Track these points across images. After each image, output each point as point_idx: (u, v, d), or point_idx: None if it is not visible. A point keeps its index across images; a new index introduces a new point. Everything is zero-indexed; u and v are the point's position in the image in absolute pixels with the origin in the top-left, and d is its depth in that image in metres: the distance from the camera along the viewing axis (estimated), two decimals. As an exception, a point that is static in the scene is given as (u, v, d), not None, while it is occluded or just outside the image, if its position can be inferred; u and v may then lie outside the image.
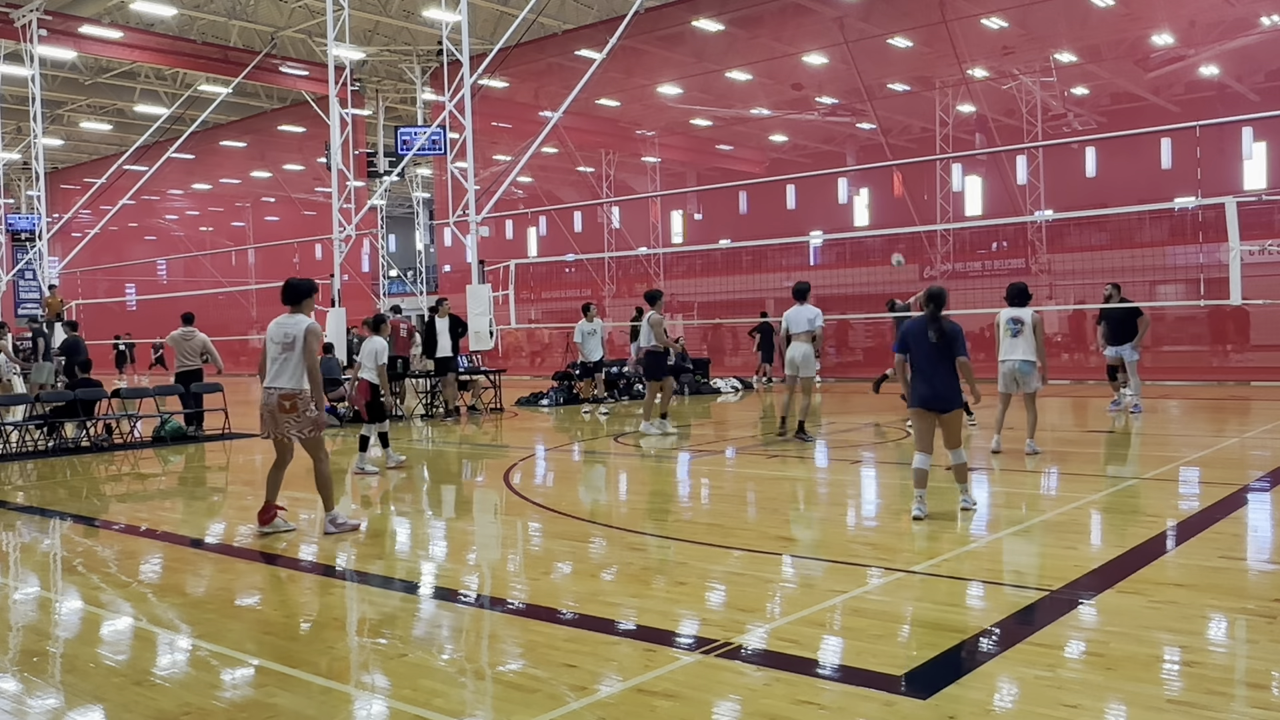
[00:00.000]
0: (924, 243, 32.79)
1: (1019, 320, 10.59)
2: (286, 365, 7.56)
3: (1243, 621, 5.07)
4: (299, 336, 7.53)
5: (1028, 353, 10.54)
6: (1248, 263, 15.07)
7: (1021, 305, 10.70)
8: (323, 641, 5.25)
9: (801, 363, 12.49)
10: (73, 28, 26.13)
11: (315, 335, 7.58)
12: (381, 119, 32.70)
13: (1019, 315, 10.62)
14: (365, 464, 11.12)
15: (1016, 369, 10.58)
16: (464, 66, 19.05)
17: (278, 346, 7.59)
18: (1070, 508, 8.09)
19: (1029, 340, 10.53)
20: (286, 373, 7.56)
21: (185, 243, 50.99)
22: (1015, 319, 10.61)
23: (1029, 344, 10.53)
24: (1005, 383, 10.77)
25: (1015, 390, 10.72)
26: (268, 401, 7.62)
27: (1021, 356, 10.53)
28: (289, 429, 7.64)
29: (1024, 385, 10.63)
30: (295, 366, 7.54)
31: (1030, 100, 32.79)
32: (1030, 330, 10.53)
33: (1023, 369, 10.56)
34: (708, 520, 8.28)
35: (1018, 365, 10.56)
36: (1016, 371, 10.59)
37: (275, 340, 7.61)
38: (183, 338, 15.15)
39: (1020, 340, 10.53)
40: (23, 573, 7.02)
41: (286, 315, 7.72)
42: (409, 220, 44.50)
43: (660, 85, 32.98)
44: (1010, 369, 10.63)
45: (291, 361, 7.54)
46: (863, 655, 4.69)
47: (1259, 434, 13.11)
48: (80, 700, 4.42)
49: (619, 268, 42.13)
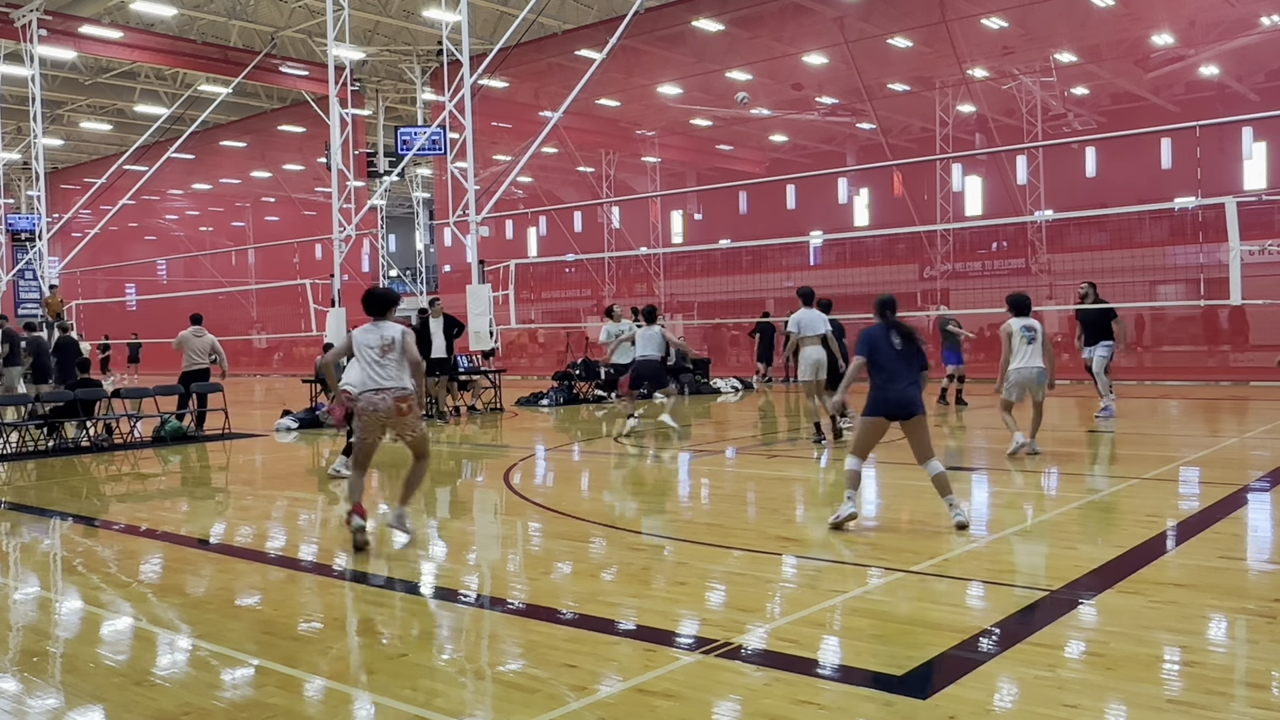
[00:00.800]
0: (924, 243, 32.81)
1: (1033, 328, 10.85)
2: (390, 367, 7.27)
3: (1243, 621, 5.07)
4: (397, 338, 7.30)
5: (1043, 360, 10.82)
6: (1248, 263, 15.09)
7: (1028, 315, 11.01)
8: (323, 641, 5.25)
9: (825, 364, 12.52)
10: (73, 28, 26.14)
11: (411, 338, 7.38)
12: (381, 119, 32.70)
13: (1032, 324, 10.90)
14: (344, 467, 10.94)
15: (1036, 377, 10.80)
16: (464, 66, 19.05)
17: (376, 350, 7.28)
18: (1070, 508, 8.09)
19: (1041, 347, 10.81)
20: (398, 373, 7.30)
21: (185, 243, 51.02)
22: (1029, 327, 10.85)
23: (1042, 351, 10.83)
24: (1018, 391, 10.89)
25: (1021, 398, 10.97)
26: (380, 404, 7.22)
27: (1041, 364, 10.78)
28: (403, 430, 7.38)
29: (1037, 392, 10.92)
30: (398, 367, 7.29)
31: (1030, 100, 32.79)
32: (1042, 337, 10.84)
33: (1041, 377, 10.82)
34: (708, 520, 8.28)
35: (1036, 373, 10.77)
36: (1035, 380, 10.80)
37: (372, 346, 7.29)
38: (193, 335, 15.18)
39: (1035, 347, 10.77)
40: (23, 573, 7.02)
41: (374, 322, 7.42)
42: (409, 220, 44.49)
43: (660, 85, 32.99)
44: (1030, 376, 10.79)
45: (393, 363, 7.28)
46: (863, 655, 4.69)
47: (1259, 434, 13.11)
48: (80, 700, 4.42)
49: (619, 268, 42.14)
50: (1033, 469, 10.11)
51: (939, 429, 14.26)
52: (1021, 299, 11.05)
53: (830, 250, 37.05)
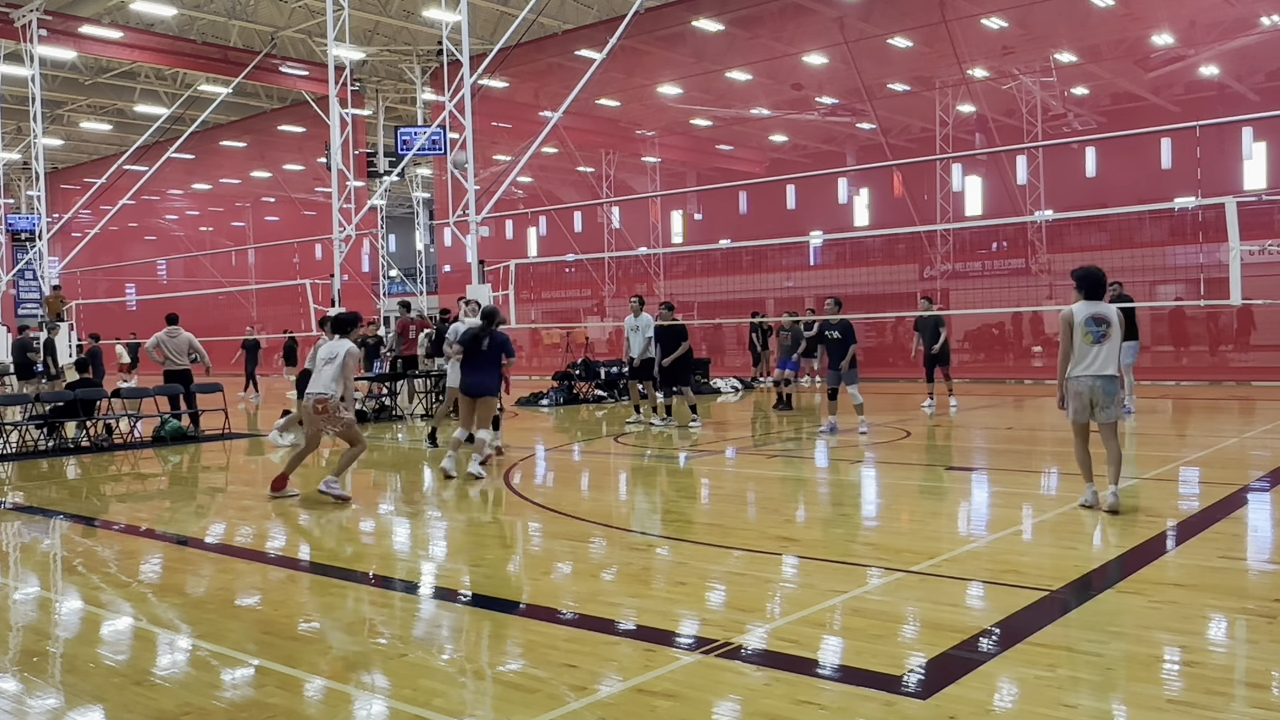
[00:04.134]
0: (924, 243, 32.80)
1: (1104, 320, 7.58)
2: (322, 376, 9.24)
3: (1243, 621, 5.07)
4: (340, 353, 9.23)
5: (1112, 366, 7.58)
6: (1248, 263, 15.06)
7: (1101, 298, 7.75)
8: (323, 641, 5.25)
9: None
10: (73, 28, 26.13)
11: (353, 355, 9.32)
12: (381, 119, 32.70)
13: (1104, 314, 7.61)
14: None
15: (1098, 387, 7.54)
16: (464, 66, 19.04)
17: (322, 361, 9.30)
18: (1070, 508, 8.09)
19: (1114, 350, 7.57)
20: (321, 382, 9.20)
21: (185, 243, 51.00)
22: (1099, 318, 7.58)
23: (1113, 354, 7.56)
24: (1078, 408, 7.66)
25: (1088, 418, 7.68)
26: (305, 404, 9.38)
27: (1107, 371, 7.55)
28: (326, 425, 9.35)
29: (1101, 411, 7.57)
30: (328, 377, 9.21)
31: (1030, 100, 32.79)
32: (1117, 335, 7.60)
33: (1106, 388, 7.54)
34: (708, 520, 8.28)
35: (1100, 383, 7.54)
36: (1096, 391, 7.55)
37: (323, 358, 9.32)
38: (168, 337, 15.15)
39: (1105, 349, 7.53)
40: (23, 573, 7.02)
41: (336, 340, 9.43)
42: (409, 220, 44.50)
43: (660, 85, 32.98)
44: (1088, 387, 7.56)
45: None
46: (863, 655, 4.69)
47: (1259, 434, 13.12)
48: (80, 700, 4.42)
49: (619, 268, 42.13)
50: (1033, 469, 10.10)
51: (941, 430, 14.26)
52: (1092, 276, 7.72)
53: (830, 250, 37.04)
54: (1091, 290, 7.65)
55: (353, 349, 9.25)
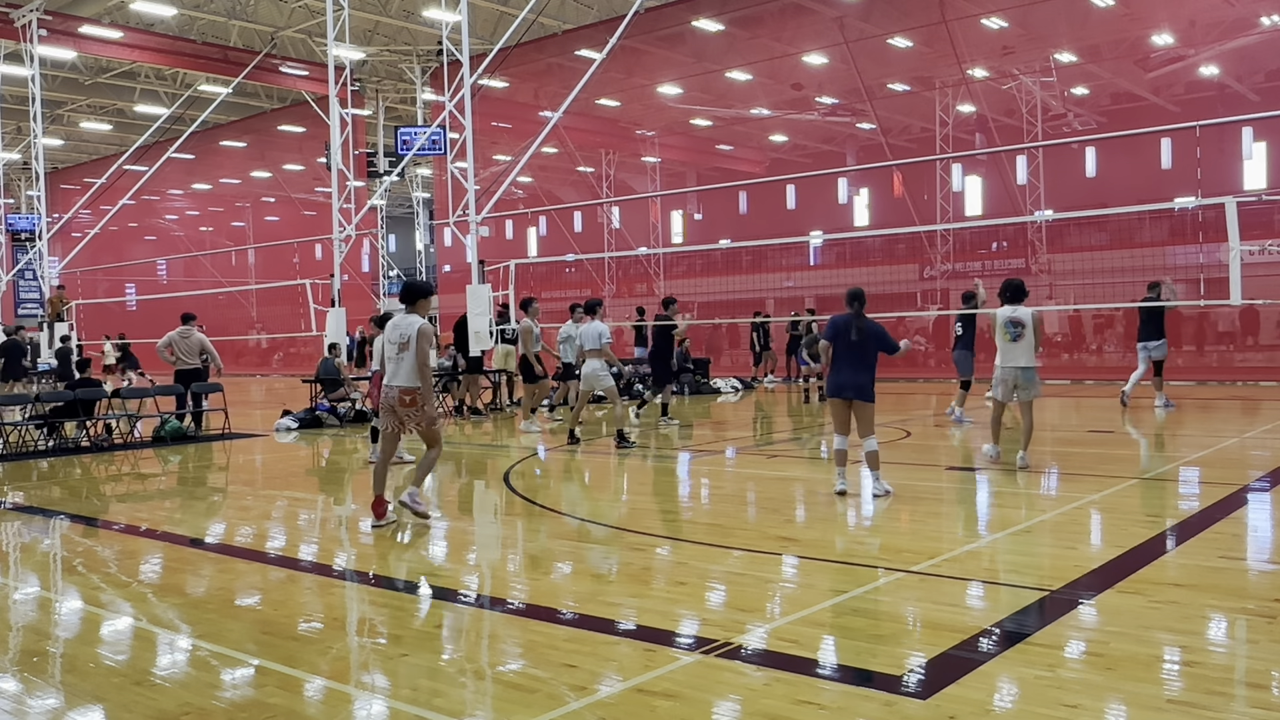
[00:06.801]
0: (924, 243, 32.81)
1: (1019, 323, 9.71)
2: (402, 364, 7.91)
3: (1243, 621, 5.07)
4: (412, 336, 7.87)
5: (1029, 358, 9.68)
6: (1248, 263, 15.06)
7: (1019, 303, 9.82)
8: (323, 641, 5.25)
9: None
10: (73, 28, 26.15)
11: (426, 335, 7.91)
12: (381, 119, 32.71)
13: (1018, 317, 9.73)
14: (403, 453, 11.59)
15: (1018, 377, 9.74)
16: (464, 66, 19.05)
17: (394, 346, 7.95)
18: (1070, 508, 8.09)
19: (1030, 344, 9.67)
20: (403, 372, 7.92)
21: (185, 243, 51.01)
22: (1014, 320, 9.73)
23: (1030, 348, 9.67)
24: (1003, 390, 9.89)
25: (1012, 398, 9.91)
26: (387, 396, 8.01)
27: (1023, 363, 9.68)
28: (409, 421, 8.07)
29: (1023, 393, 9.79)
30: (410, 366, 7.89)
31: (1030, 100, 32.80)
32: (1031, 333, 9.68)
33: (1024, 377, 9.71)
34: (708, 520, 8.28)
35: (1019, 373, 9.72)
36: (1017, 379, 9.76)
37: (392, 341, 7.98)
38: (180, 336, 15.16)
39: (1021, 345, 9.67)
40: (23, 573, 7.02)
41: (402, 315, 8.08)
42: (409, 220, 44.51)
43: (660, 85, 32.99)
44: (1010, 376, 9.77)
45: (406, 361, 7.90)
46: (863, 655, 4.68)
47: (1259, 434, 13.11)
48: (80, 700, 4.42)
49: (619, 268, 42.14)
50: (1033, 470, 10.10)
51: (941, 430, 14.28)
52: (1010, 285, 9.91)
53: (830, 250, 37.04)
54: (1013, 296, 9.76)
55: (425, 326, 7.94)
